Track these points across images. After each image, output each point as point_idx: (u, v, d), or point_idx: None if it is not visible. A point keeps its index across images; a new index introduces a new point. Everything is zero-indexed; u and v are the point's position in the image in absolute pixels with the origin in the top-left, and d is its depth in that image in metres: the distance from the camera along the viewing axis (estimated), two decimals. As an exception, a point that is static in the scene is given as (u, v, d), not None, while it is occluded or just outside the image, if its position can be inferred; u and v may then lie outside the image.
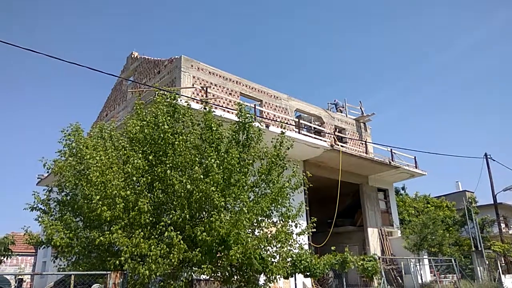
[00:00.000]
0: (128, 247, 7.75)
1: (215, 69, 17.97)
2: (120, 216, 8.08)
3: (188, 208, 8.51)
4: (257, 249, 8.97)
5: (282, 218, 10.21)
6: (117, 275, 7.77)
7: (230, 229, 8.22)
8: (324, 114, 22.82)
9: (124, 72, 22.39)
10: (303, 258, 11.48)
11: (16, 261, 31.89)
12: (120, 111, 21.16)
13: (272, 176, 10.10)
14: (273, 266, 9.47)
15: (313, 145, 18.20)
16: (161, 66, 18.61)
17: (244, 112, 10.37)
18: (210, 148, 9.38)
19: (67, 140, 9.64)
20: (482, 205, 31.66)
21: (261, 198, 9.67)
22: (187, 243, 8.28)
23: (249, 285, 9.95)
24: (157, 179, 8.81)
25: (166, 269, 8.01)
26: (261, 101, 19.41)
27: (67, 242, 8.33)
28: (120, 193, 8.06)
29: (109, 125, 10.82)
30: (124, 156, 9.00)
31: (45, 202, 9.63)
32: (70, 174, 9.10)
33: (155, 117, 9.43)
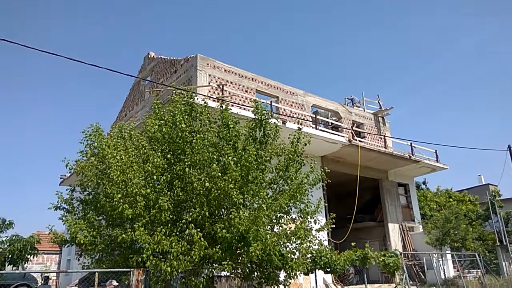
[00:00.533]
0: (150, 244, 7.88)
1: (230, 66, 18.02)
2: (141, 214, 8.22)
3: (207, 206, 8.59)
4: (276, 245, 8.99)
5: (301, 215, 10.20)
6: (139, 272, 7.92)
7: (249, 226, 8.26)
8: (341, 109, 22.61)
9: (142, 72, 22.69)
10: (323, 254, 11.45)
11: (42, 260, 32.80)
12: (139, 111, 21.46)
13: (290, 173, 10.09)
14: (293, 263, 9.48)
15: (330, 141, 18.08)
16: (177, 66, 18.78)
17: (260, 109, 10.39)
18: (227, 145, 9.43)
19: (88, 140, 9.85)
20: (506, 199, 30.86)
21: (280, 195, 9.68)
22: (207, 240, 8.36)
23: (269, 281, 9.99)
24: (176, 177, 8.92)
25: (187, 265, 8.11)
26: (277, 97, 19.37)
27: (90, 240, 8.53)
28: (140, 191, 8.19)
29: (128, 125, 11.00)
30: (144, 155, 9.15)
31: (68, 201, 9.87)
32: (92, 173, 9.30)
33: (173, 116, 9.54)
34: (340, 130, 20.94)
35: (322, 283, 16.70)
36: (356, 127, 22.76)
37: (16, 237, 13.23)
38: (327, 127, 21.05)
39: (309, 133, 11.84)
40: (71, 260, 25.68)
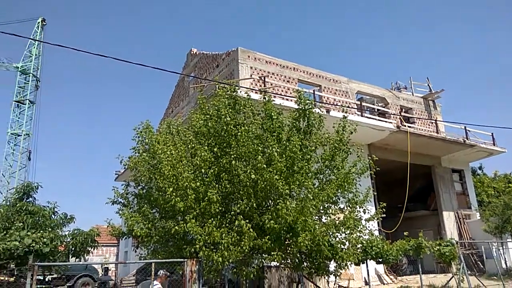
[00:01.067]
0: (202, 235, 8.12)
1: (271, 58, 17.96)
2: (192, 207, 8.48)
3: (254, 197, 8.70)
4: (325, 235, 8.94)
5: (350, 204, 10.05)
6: (193, 262, 8.21)
7: (296, 216, 8.27)
8: (388, 95, 21.83)
9: (185, 69, 23.22)
10: (374, 244, 11.21)
11: (101, 252, 34.91)
12: (184, 106, 22.04)
13: (336, 162, 9.95)
14: (343, 253, 9.39)
15: (377, 128, 17.57)
16: (219, 60, 19.01)
17: (303, 98, 10.29)
18: (271, 137, 9.46)
19: (140, 137, 10.28)
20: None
21: (326, 185, 9.59)
22: (256, 231, 8.47)
23: (320, 271, 9.97)
24: (223, 170, 9.10)
25: (238, 256, 8.28)
26: (320, 86, 19.07)
27: (146, 232, 8.95)
28: (190, 184, 8.45)
29: (175, 121, 11.34)
30: (192, 149, 9.40)
31: (124, 196, 10.40)
32: (145, 169, 9.72)
33: (217, 110, 9.71)
34: (387, 116, 20.26)
35: (374, 274, 16.37)
36: (404, 112, 21.89)
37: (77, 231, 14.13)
38: (374, 114, 20.45)
39: (354, 121, 11.58)
40: (128, 251, 27.11)
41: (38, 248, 8.81)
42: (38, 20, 39.58)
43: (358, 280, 15.77)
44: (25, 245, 8.72)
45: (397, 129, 17.97)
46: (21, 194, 14.31)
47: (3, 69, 38.40)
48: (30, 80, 38.51)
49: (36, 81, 38.98)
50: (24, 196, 14.35)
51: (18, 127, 37.86)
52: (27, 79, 38.54)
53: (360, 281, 15.81)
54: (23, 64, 38.56)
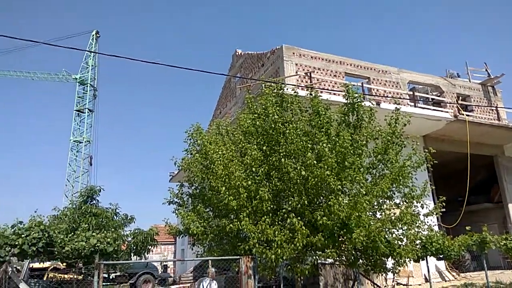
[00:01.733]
0: (255, 233, 8.23)
1: (317, 53, 17.74)
2: (245, 205, 8.62)
3: (305, 194, 8.65)
4: (381, 232, 8.69)
5: (406, 199, 9.70)
6: (248, 260, 8.35)
7: (350, 212, 8.13)
8: (442, 83, 20.73)
9: (231, 70, 23.57)
10: (434, 240, 10.75)
11: (160, 250, 36.38)
12: (232, 107, 22.38)
13: (390, 156, 9.64)
14: (401, 249, 9.08)
15: (432, 118, 16.75)
16: (264, 59, 19.09)
17: (351, 92, 10.08)
18: (320, 133, 9.36)
19: (191, 139, 10.61)
20: None
21: (380, 179, 9.32)
22: (309, 228, 8.43)
23: (376, 268, 9.72)
24: (273, 168, 9.15)
25: (291, 253, 8.30)
26: (368, 78, 18.54)
27: (202, 231, 9.23)
28: (242, 183, 8.58)
29: (224, 121, 11.56)
30: (242, 148, 9.54)
31: (179, 196, 10.79)
32: (197, 169, 10.02)
33: (264, 109, 9.76)
34: (442, 105, 19.29)
35: (434, 270, 15.68)
36: (461, 100, 20.69)
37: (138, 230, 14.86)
38: (428, 104, 19.53)
39: (407, 112, 11.12)
40: (184, 249, 28.08)
41: (102, 248, 9.35)
42: (93, 33, 42.07)
43: (417, 277, 15.19)
44: (91, 245, 9.30)
45: (454, 119, 17.01)
46: (85, 197, 15.33)
47: (63, 80, 41.26)
48: (88, 90, 41.06)
49: (93, 91, 41.51)
50: (88, 199, 15.35)
51: (79, 134, 40.51)
52: (85, 89, 41.14)
53: (420, 278, 15.22)
54: (81, 75, 41.18)
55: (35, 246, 9.01)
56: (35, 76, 40.79)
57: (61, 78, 41.10)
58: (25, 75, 40.56)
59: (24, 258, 10.09)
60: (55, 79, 41.07)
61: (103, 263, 8.50)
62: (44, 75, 40.91)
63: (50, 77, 41.03)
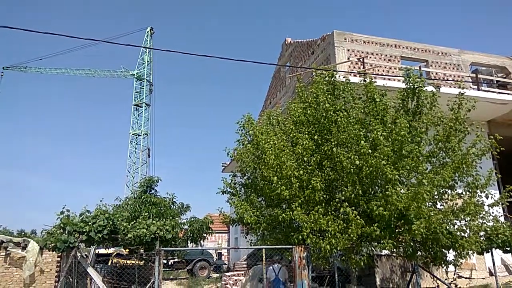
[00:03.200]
0: (308, 223, 8.18)
1: (370, 37, 17.07)
2: (297, 195, 8.58)
3: (359, 184, 8.44)
4: (442, 223, 8.27)
5: (469, 189, 9.14)
6: (301, 249, 8.34)
7: (408, 202, 7.80)
8: (509, 63, 19.08)
9: (281, 59, 23.40)
10: (500, 232, 10.06)
11: (214, 238, 37.52)
12: (282, 97, 22.29)
13: (452, 143, 9.10)
14: (463, 241, 8.59)
15: (498, 102, 15.51)
16: (314, 46, 18.73)
17: (413, 76, 9.61)
18: (375, 120, 9.04)
19: (243, 129, 10.73)
20: None
21: (441, 168, 8.84)
22: (363, 218, 8.22)
23: (437, 261, 9.29)
24: (325, 157, 9.00)
25: (345, 243, 8.15)
26: (426, 61, 17.54)
27: (255, 220, 9.34)
28: (294, 173, 8.54)
29: (275, 111, 11.54)
30: (293, 138, 9.49)
31: (231, 186, 10.99)
32: (249, 159, 10.12)
33: (315, 97, 9.60)
34: (509, 87, 17.81)
35: (500, 264, 14.71)
36: (531, 81, 18.97)
37: (194, 218, 15.40)
38: (492, 86, 18.12)
39: (471, 97, 10.40)
40: (238, 237, 28.69)
41: (162, 235, 9.80)
42: (147, 30, 43.76)
43: (481, 270, 14.34)
44: (152, 232, 9.78)
45: (523, 101, 15.67)
46: (144, 187, 16.15)
47: (122, 77, 43.48)
48: (144, 85, 42.95)
49: (150, 86, 43.36)
50: (148, 189, 16.15)
51: (138, 127, 42.60)
52: (142, 84, 43.06)
53: (483, 272, 14.35)
54: (138, 71, 43.13)
55: (100, 233, 9.65)
56: (95, 73, 43.39)
57: (120, 74, 43.38)
58: (86, 72, 43.27)
59: (91, 245, 10.85)
60: (114, 75, 43.43)
61: (163, 250, 8.91)
62: (104, 72, 43.40)
63: (109, 74, 43.44)
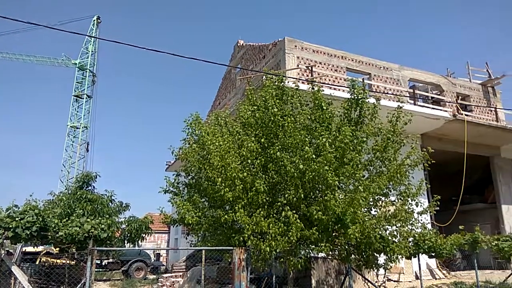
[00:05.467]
0: (249, 225, 8.25)
1: (318, 46, 17.63)
2: (240, 197, 8.62)
3: (301, 188, 8.65)
4: (375, 228, 8.73)
5: (401, 197, 9.73)
6: (241, 251, 8.37)
7: (346, 208, 8.14)
8: (443, 81, 20.70)
9: (232, 61, 23.43)
10: (427, 238, 10.80)
11: (154, 238, 36.55)
12: (231, 98, 22.30)
13: (388, 153, 9.65)
14: (394, 246, 9.14)
15: (432, 117, 16.71)
16: (265, 51, 18.98)
17: (357, 88, 10.06)
18: (320, 127, 9.33)
19: (190, 128, 10.56)
20: None
21: (377, 177, 9.33)
22: (303, 221, 8.46)
23: (368, 264, 9.78)
24: (270, 160, 9.13)
25: (285, 246, 8.33)
26: (369, 74, 18.48)
27: (196, 220, 9.23)
28: (238, 175, 8.57)
29: (223, 112, 11.51)
30: (239, 140, 9.52)
31: (175, 185, 10.77)
32: (194, 159, 9.98)
33: (264, 101, 9.72)
34: (442, 104, 19.25)
35: (425, 268, 15.82)
36: (461, 99, 20.70)
37: (132, 218, 14.86)
38: (427, 102, 19.51)
39: (408, 110, 11.11)
40: (178, 238, 28.17)
41: (96, 234, 9.36)
42: (94, 18, 41.68)
43: (408, 274, 15.31)
44: (85, 230, 9.30)
45: (453, 118, 17.00)
46: (81, 183, 15.28)
47: (62, 65, 41.00)
48: (87, 75, 40.83)
49: (92, 76, 41.30)
50: (84, 185, 15.31)
51: (77, 120, 40.37)
52: (85, 75, 40.90)
53: (410, 275, 15.33)
54: (81, 61, 40.92)
55: (29, 230, 9.02)
56: (35, 59, 40.51)
57: (61, 62, 40.86)
58: (24, 58, 40.26)
59: (18, 242, 10.09)
60: (55, 63, 40.83)
61: (97, 249, 8.51)
62: (44, 59, 40.66)
63: (49, 61, 40.77)
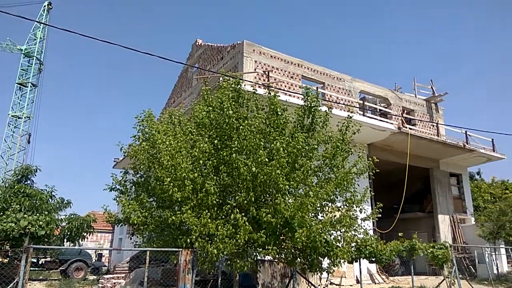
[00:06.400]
0: (197, 226, 8.14)
1: (276, 52, 17.90)
2: (189, 197, 8.49)
3: (253, 191, 8.68)
4: (321, 232, 8.97)
5: (347, 203, 10.07)
6: (188, 252, 8.24)
7: (294, 212, 8.29)
8: (390, 95, 21.81)
9: (190, 60, 23.15)
10: (368, 244, 11.25)
11: (96, 238, 35.03)
12: (187, 97, 22.01)
13: (337, 161, 9.96)
14: (337, 250, 9.43)
15: (379, 128, 17.54)
16: (224, 52, 18.95)
17: (311, 96, 10.28)
18: (275, 132, 9.44)
19: (141, 125, 10.26)
20: None
21: (325, 183, 9.60)
22: (252, 224, 8.49)
23: (313, 268, 10.02)
24: (222, 162, 9.10)
25: (232, 248, 8.31)
26: (323, 83, 19.04)
27: (142, 221, 8.96)
28: (188, 175, 8.45)
29: (177, 111, 11.31)
30: (192, 140, 9.40)
31: (122, 183, 10.41)
32: (144, 157, 9.70)
33: (220, 103, 9.68)
34: (389, 117, 20.27)
35: (366, 273, 16.49)
36: (406, 113, 21.90)
37: (74, 215, 14.19)
38: (375, 114, 20.44)
39: (357, 121, 11.57)
40: (122, 239, 27.20)
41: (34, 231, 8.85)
42: (45, 4, 39.36)
43: (350, 278, 15.86)
44: (21, 227, 8.76)
45: (398, 130, 17.96)
46: (19, 176, 14.34)
47: (6, 50, 38.28)
48: (33, 63, 38.41)
49: (39, 65, 38.89)
50: (22, 179, 14.37)
51: (19, 109, 37.83)
52: (31, 62, 38.45)
53: (352, 279, 15.91)
54: (27, 47, 38.43)
55: (-44, 225, 8.30)
56: (-26, 41, 37.47)
57: (5, 47, 38.12)
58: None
59: None
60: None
61: (33, 247, 7.99)
62: (-14, 42, 37.72)
63: (-9, 44, 37.89)
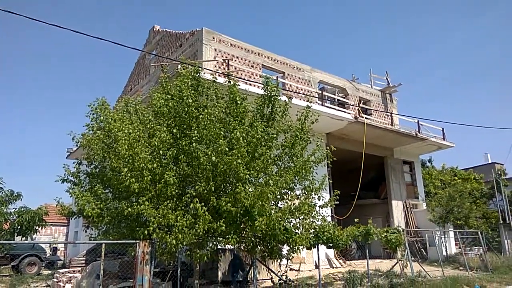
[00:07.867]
0: (156, 217, 7.99)
1: (236, 41, 17.74)
2: (148, 188, 8.30)
3: (213, 180, 8.63)
4: (281, 220, 9.09)
5: (305, 191, 10.25)
6: (145, 244, 8.08)
7: (254, 200, 8.33)
8: (348, 86, 22.35)
9: (147, 46, 22.44)
10: (326, 230, 11.54)
11: (50, 231, 33.59)
12: (144, 85, 21.36)
13: (296, 150, 10.09)
14: (296, 237, 9.61)
15: (336, 118, 17.93)
16: (182, 39, 18.52)
17: (271, 85, 10.29)
18: (234, 121, 9.39)
19: (94, 114, 9.84)
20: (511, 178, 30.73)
21: (285, 172, 9.71)
22: (212, 214, 8.46)
23: (273, 255, 10.18)
24: (182, 152, 8.94)
25: (192, 239, 8.25)
26: (283, 73, 19.14)
27: (97, 213, 8.65)
28: (147, 166, 8.24)
29: (134, 99, 10.95)
30: (150, 129, 9.14)
31: (75, 174, 9.98)
32: (98, 147, 9.34)
33: (179, 91, 9.46)
34: (346, 107, 20.77)
35: (324, 258, 16.97)
36: (363, 103, 22.54)
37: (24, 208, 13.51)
38: (334, 104, 20.88)
39: (316, 110, 11.74)
40: (78, 231, 26.25)
41: (-21, 226, 8.29)
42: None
43: (309, 263, 16.28)
44: (-35, 222, 8.18)
45: (354, 120, 18.46)
46: (-39, 168, 13.38)
47: None
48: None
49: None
50: (-34, 171, 13.42)
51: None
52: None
53: (311, 265, 16.33)
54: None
55: None
56: None
57: None
58: None
59: None
60: None
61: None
62: None
63: None
